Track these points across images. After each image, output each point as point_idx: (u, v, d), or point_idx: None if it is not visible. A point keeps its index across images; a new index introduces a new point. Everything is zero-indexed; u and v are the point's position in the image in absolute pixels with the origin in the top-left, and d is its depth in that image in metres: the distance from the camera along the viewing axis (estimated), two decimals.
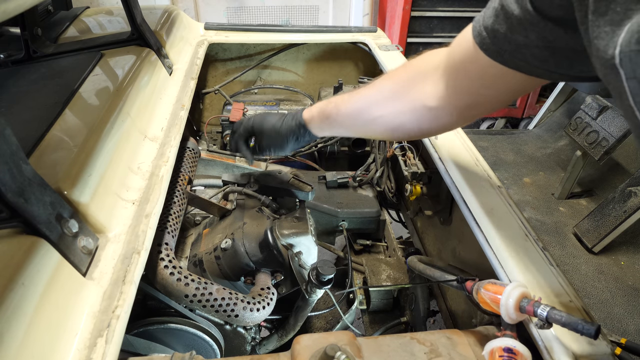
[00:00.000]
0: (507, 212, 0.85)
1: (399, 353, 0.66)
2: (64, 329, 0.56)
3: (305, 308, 0.99)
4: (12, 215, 0.55)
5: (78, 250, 0.64)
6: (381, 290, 1.28)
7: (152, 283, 0.82)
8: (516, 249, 0.76)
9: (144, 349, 0.78)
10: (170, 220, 0.93)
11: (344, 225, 1.40)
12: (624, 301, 2.36)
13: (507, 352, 0.60)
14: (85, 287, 0.63)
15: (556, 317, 0.57)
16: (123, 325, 0.60)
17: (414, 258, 1.04)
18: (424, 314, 1.16)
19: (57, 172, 0.70)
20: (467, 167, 0.98)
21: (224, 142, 1.71)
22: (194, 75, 1.33)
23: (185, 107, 1.14)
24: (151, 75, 1.13)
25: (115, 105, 0.92)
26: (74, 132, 0.82)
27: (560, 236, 2.78)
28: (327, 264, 0.89)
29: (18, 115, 0.89)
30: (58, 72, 1.11)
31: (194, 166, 1.18)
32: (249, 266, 0.92)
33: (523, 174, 3.33)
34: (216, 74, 1.89)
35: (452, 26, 3.66)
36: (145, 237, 0.73)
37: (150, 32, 1.24)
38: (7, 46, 1.20)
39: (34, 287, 0.54)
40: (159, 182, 0.86)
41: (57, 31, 1.34)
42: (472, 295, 0.70)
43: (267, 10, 3.68)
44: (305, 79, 1.96)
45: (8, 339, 0.48)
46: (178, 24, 1.50)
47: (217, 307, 0.81)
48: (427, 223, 1.35)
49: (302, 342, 0.66)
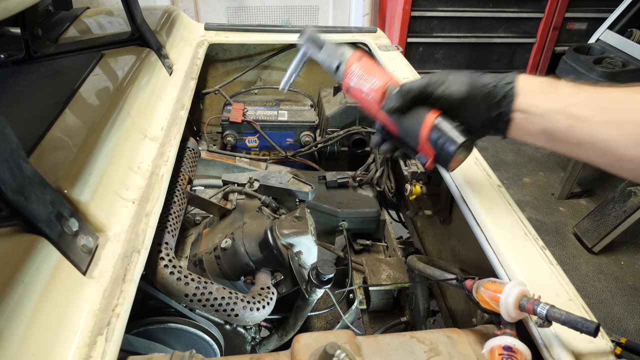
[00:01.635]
0: (507, 212, 0.85)
1: (399, 352, 0.66)
2: (64, 327, 0.57)
3: (305, 308, 0.99)
4: (13, 214, 0.55)
5: (78, 248, 0.64)
6: (381, 289, 1.28)
7: (152, 282, 0.82)
8: (516, 249, 0.76)
9: (143, 349, 0.78)
10: (170, 220, 0.93)
11: (344, 225, 1.40)
12: (624, 301, 2.36)
13: (506, 351, 0.60)
14: (85, 286, 0.63)
15: (556, 315, 0.57)
16: (123, 324, 0.60)
17: (413, 257, 1.04)
18: (424, 313, 1.16)
19: (58, 171, 0.70)
20: (467, 167, 0.98)
21: (224, 142, 1.71)
22: (194, 76, 1.33)
23: (185, 107, 1.15)
24: (151, 76, 1.13)
25: (116, 105, 0.92)
26: (74, 131, 0.83)
27: (560, 236, 2.78)
28: (327, 263, 0.89)
29: (18, 115, 0.89)
30: (58, 72, 1.11)
31: (194, 166, 1.18)
32: (249, 266, 0.92)
33: (523, 174, 3.33)
34: (216, 74, 1.89)
35: (452, 26, 3.66)
36: (145, 236, 0.73)
37: (151, 33, 1.24)
38: (7, 46, 1.20)
39: (34, 285, 0.54)
40: (159, 181, 0.86)
41: (58, 31, 1.34)
42: (472, 294, 0.70)
43: (267, 10, 3.68)
44: (305, 79, 1.96)
45: (8, 337, 0.48)
46: (178, 24, 1.50)
47: (217, 307, 0.81)
48: (427, 223, 1.35)
49: (302, 341, 0.66)
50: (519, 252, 0.76)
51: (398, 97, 0.69)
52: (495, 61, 3.89)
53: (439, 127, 0.67)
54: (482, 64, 3.88)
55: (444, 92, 0.68)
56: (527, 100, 0.64)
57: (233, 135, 1.69)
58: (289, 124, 1.70)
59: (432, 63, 3.84)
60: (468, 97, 0.66)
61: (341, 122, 1.66)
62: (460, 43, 3.74)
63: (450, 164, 0.69)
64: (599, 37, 3.17)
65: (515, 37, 3.77)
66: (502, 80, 0.66)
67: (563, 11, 3.64)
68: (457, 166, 0.72)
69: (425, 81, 0.69)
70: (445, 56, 3.81)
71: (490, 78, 0.67)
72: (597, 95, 0.60)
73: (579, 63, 2.94)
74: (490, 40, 3.75)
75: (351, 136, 1.65)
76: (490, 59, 3.88)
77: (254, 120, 1.67)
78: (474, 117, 0.68)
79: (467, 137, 0.67)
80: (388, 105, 0.70)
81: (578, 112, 0.60)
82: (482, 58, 3.85)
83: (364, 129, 1.64)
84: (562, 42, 3.81)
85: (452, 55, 3.81)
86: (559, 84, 0.64)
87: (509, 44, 3.80)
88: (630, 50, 2.91)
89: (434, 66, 3.85)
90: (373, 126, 1.67)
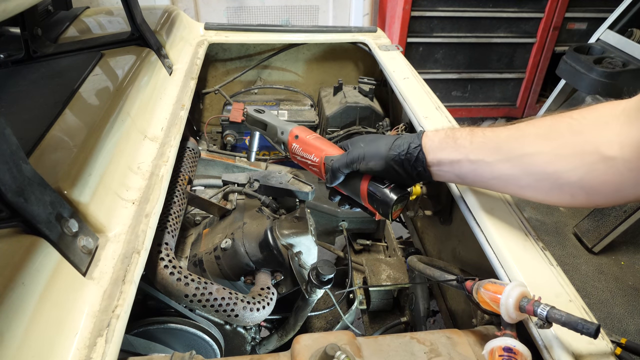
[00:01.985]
0: (507, 212, 0.85)
1: (399, 352, 0.66)
2: (63, 329, 0.57)
3: (305, 308, 0.99)
4: (12, 215, 0.55)
5: (78, 249, 0.64)
6: (381, 290, 1.28)
7: (152, 283, 0.82)
8: (516, 249, 0.76)
9: (144, 349, 0.78)
10: (170, 220, 0.93)
11: (344, 225, 1.40)
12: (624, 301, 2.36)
13: (507, 352, 0.60)
14: (85, 287, 0.63)
15: (556, 316, 0.56)
16: (123, 325, 0.60)
17: (413, 258, 1.04)
18: (424, 313, 1.16)
19: (57, 171, 0.70)
20: None
21: (224, 142, 1.71)
22: (194, 75, 1.33)
23: (185, 107, 1.15)
24: (151, 75, 1.13)
25: (115, 105, 0.92)
26: (74, 132, 0.82)
27: (560, 236, 2.78)
28: (327, 264, 0.89)
29: (18, 115, 0.89)
30: (58, 72, 1.11)
31: (194, 166, 1.18)
32: (249, 266, 0.92)
33: None
34: (216, 74, 1.89)
35: (452, 26, 3.66)
36: (145, 237, 0.73)
37: (150, 32, 1.24)
38: (7, 46, 1.20)
39: (34, 286, 0.54)
40: (159, 181, 0.86)
41: (57, 31, 1.34)
42: (472, 294, 0.70)
43: (267, 10, 3.68)
44: (305, 79, 1.96)
45: (8, 339, 0.48)
46: (178, 24, 1.50)
47: (217, 307, 0.81)
48: (427, 223, 1.35)
49: (302, 342, 0.66)
50: (519, 253, 0.76)
51: (332, 177, 0.82)
52: (495, 61, 3.88)
53: (372, 193, 0.79)
54: (482, 64, 3.88)
55: (367, 166, 0.79)
56: (435, 156, 0.75)
57: (233, 135, 1.69)
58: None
59: (432, 63, 3.84)
60: (388, 168, 0.77)
61: (341, 122, 1.66)
62: (460, 43, 3.74)
63: (392, 217, 0.80)
64: (599, 37, 3.17)
65: (515, 37, 3.77)
66: (410, 145, 0.76)
67: (563, 11, 3.63)
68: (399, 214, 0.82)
69: (348, 159, 0.80)
70: (445, 56, 3.81)
71: (400, 145, 0.77)
72: (489, 139, 0.71)
73: (579, 63, 2.94)
74: (490, 40, 3.75)
75: (351, 136, 1.65)
76: (490, 59, 3.87)
77: None
78: (400, 178, 0.79)
79: (399, 194, 0.78)
80: (328, 183, 0.84)
81: (475, 157, 0.71)
82: (482, 58, 3.85)
83: (364, 129, 1.64)
84: (562, 42, 3.81)
85: (452, 55, 3.81)
86: (457, 135, 0.74)
87: (509, 44, 3.80)
88: (630, 50, 2.91)
89: (434, 66, 3.85)
90: (373, 126, 1.67)
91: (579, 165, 0.61)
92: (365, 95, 1.67)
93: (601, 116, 0.61)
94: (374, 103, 1.67)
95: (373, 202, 0.80)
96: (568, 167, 0.62)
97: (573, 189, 0.63)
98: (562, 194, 0.65)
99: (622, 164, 0.57)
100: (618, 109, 0.60)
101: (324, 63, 1.92)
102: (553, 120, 0.66)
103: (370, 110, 1.62)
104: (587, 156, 0.60)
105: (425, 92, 1.32)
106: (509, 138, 0.69)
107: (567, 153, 0.62)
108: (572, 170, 0.62)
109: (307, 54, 1.89)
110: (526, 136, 0.67)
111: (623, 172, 0.58)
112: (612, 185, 0.60)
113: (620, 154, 0.57)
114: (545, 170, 0.64)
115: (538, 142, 0.66)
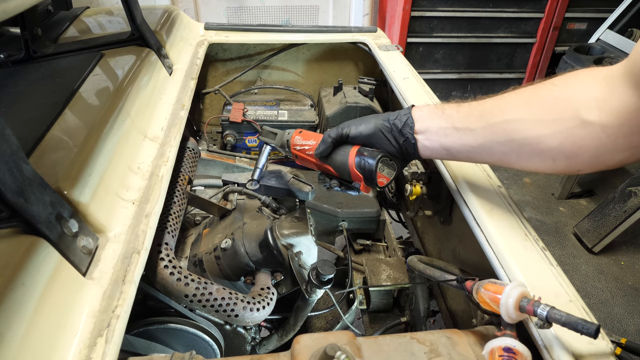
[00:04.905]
0: (507, 212, 0.85)
1: (399, 353, 0.66)
2: (63, 329, 0.56)
3: (305, 308, 0.99)
4: (12, 215, 0.55)
5: (78, 250, 0.64)
6: (381, 290, 1.28)
7: (152, 283, 0.82)
8: (516, 249, 0.76)
9: (144, 349, 0.78)
10: (170, 220, 0.93)
11: (344, 225, 1.40)
12: (624, 301, 2.36)
13: (507, 352, 0.60)
14: (85, 287, 0.63)
15: (556, 316, 0.56)
16: (123, 325, 0.60)
17: (413, 258, 1.04)
18: (424, 314, 1.16)
19: (57, 172, 0.69)
20: (467, 167, 0.98)
21: (224, 142, 1.71)
22: (194, 75, 1.33)
23: (185, 107, 1.14)
24: (151, 75, 1.13)
25: (115, 105, 0.92)
26: (74, 132, 0.82)
27: (560, 236, 2.78)
28: (327, 264, 0.89)
29: (18, 115, 0.89)
30: (58, 72, 1.11)
31: (194, 166, 1.18)
32: (249, 266, 0.92)
33: (523, 174, 3.33)
34: (216, 74, 1.89)
35: (452, 26, 3.66)
36: (145, 237, 0.73)
37: (150, 32, 1.24)
38: (7, 46, 1.20)
39: (34, 286, 0.54)
40: (159, 182, 0.86)
41: (57, 31, 1.34)
42: (472, 295, 0.70)
43: (267, 10, 3.68)
44: (305, 79, 1.96)
45: (8, 339, 0.48)
46: (178, 24, 1.50)
47: (217, 307, 0.81)
48: (427, 223, 1.35)
49: (302, 342, 0.66)
50: (519, 253, 0.76)
51: (322, 143, 0.86)
52: (495, 61, 3.89)
53: (360, 153, 0.82)
54: (482, 64, 3.88)
55: (356, 130, 0.82)
56: (423, 124, 0.77)
57: (233, 135, 1.69)
58: (289, 123, 1.70)
59: (432, 63, 3.84)
60: (377, 131, 0.80)
61: (341, 122, 1.65)
62: (460, 43, 3.74)
63: (377, 180, 0.81)
64: (599, 37, 3.17)
65: (515, 37, 3.77)
66: (400, 113, 0.80)
67: (563, 11, 3.64)
68: (386, 183, 0.82)
69: (339, 126, 0.85)
70: (445, 56, 3.81)
71: (392, 114, 0.81)
72: (473, 107, 0.73)
73: (579, 63, 2.94)
74: (490, 40, 3.75)
75: None
76: (490, 59, 3.88)
77: (254, 120, 1.67)
78: (387, 145, 0.80)
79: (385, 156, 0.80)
80: (318, 150, 0.86)
81: (461, 125, 0.73)
82: (482, 58, 3.85)
83: None
84: (562, 42, 3.81)
85: (452, 55, 3.81)
86: (445, 107, 0.77)
87: (509, 44, 3.80)
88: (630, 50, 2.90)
89: (434, 66, 3.85)
90: None
91: (560, 130, 0.62)
92: (365, 95, 1.67)
93: (582, 82, 0.62)
94: (374, 103, 1.67)
95: (360, 165, 0.82)
96: (548, 132, 0.63)
97: (554, 154, 0.65)
98: (543, 159, 0.67)
99: (600, 129, 0.58)
100: (599, 75, 0.60)
101: (324, 63, 1.93)
102: (535, 87, 0.67)
103: (370, 110, 1.62)
104: (567, 121, 0.61)
105: (425, 92, 1.32)
106: (492, 106, 0.71)
107: (548, 118, 0.63)
108: (552, 135, 0.63)
109: (307, 54, 1.89)
110: (508, 103, 0.69)
111: (601, 137, 0.59)
112: (591, 149, 0.61)
113: (599, 120, 0.58)
114: (527, 135, 0.66)
115: (520, 108, 0.67)
